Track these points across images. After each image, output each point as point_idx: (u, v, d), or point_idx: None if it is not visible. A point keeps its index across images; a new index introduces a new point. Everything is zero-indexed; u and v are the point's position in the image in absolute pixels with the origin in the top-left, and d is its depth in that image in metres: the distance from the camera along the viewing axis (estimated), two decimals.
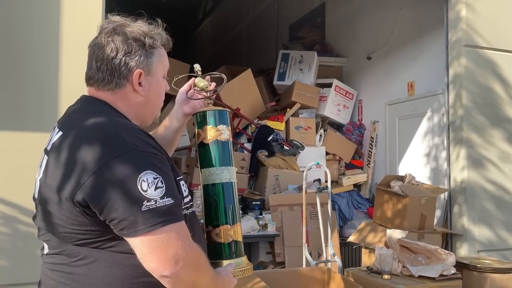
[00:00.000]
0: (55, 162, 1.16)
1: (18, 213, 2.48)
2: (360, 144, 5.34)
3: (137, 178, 1.06)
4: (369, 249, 3.52)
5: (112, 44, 1.22)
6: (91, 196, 1.07)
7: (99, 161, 1.07)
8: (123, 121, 1.20)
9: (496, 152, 3.77)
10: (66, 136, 1.17)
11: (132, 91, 1.24)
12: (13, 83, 2.56)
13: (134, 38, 1.24)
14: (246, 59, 8.42)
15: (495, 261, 2.97)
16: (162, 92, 1.34)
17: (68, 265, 1.16)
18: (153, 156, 1.13)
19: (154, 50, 1.27)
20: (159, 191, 1.08)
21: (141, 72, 1.24)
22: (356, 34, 5.61)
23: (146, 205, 1.06)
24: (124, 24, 1.27)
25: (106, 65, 1.23)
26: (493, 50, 3.81)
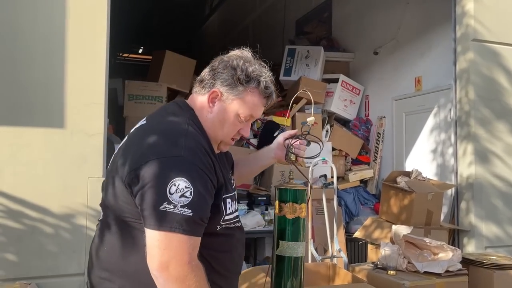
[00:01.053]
0: (127, 143, 1.37)
1: (25, 208, 2.50)
2: (367, 140, 5.32)
3: (170, 180, 1.18)
4: (375, 245, 3.51)
5: (218, 61, 1.40)
6: (133, 183, 1.21)
7: (152, 155, 1.21)
8: (193, 131, 1.30)
9: (504, 147, 3.73)
10: (144, 125, 1.38)
11: (207, 104, 1.38)
12: (19, 79, 2.58)
13: (233, 66, 1.36)
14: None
15: (502, 257, 2.95)
16: (227, 126, 1.39)
17: (107, 233, 1.34)
18: (197, 170, 1.22)
19: (241, 87, 1.35)
20: (183, 199, 1.17)
21: (217, 93, 1.36)
22: (363, 29, 5.57)
23: (165, 206, 1.16)
24: (240, 56, 1.40)
25: (205, 73, 1.41)
26: (501, 44, 3.76)
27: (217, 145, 1.42)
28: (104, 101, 2.73)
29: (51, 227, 2.55)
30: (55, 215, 2.55)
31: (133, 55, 13.43)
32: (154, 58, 5.79)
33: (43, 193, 2.55)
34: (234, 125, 1.39)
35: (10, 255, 2.46)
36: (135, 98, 4.79)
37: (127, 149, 1.33)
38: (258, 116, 1.43)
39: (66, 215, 2.58)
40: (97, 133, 2.70)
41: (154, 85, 4.88)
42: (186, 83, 5.28)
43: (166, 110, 1.40)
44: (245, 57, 1.39)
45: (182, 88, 5.23)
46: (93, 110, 2.69)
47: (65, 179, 2.60)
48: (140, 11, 9.32)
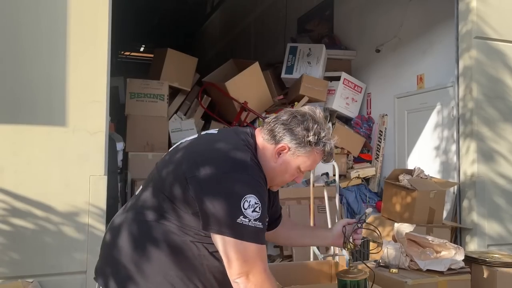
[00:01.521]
0: (192, 143, 1.50)
1: (27, 206, 2.51)
2: (369, 138, 5.31)
3: (243, 196, 1.32)
4: (377, 243, 3.50)
5: (291, 117, 1.48)
6: (198, 186, 1.33)
7: (223, 167, 1.35)
8: (254, 158, 1.44)
9: (507, 146, 3.72)
10: (215, 134, 1.53)
11: (272, 154, 1.48)
12: (21, 77, 2.58)
13: (306, 127, 1.46)
14: (254, 53, 8.39)
15: (505, 255, 2.93)
16: (287, 176, 1.53)
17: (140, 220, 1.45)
18: (261, 187, 1.39)
19: (309, 147, 1.47)
20: (255, 214, 1.32)
21: (285, 148, 1.47)
22: (365, 27, 5.55)
23: (241, 219, 1.31)
24: (313, 117, 1.49)
25: (277, 122, 1.49)
26: (504, 42, 3.74)
27: (270, 185, 1.56)
28: (106, 99, 2.73)
29: (53, 225, 2.55)
30: (57, 213, 2.56)
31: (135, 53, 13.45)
32: (155, 56, 5.78)
33: (45, 191, 2.55)
34: (292, 175, 1.53)
35: (12, 253, 2.46)
36: (136, 96, 4.79)
37: (197, 151, 1.44)
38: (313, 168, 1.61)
39: (68, 213, 2.58)
40: (98, 131, 2.70)
41: (155, 83, 4.88)
42: (187, 81, 5.27)
43: (238, 135, 1.50)
44: (318, 119, 1.48)
45: (183, 86, 5.23)
46: (94, 108, 2.69)
47: (67, 177, 2.60)
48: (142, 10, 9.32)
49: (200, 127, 5.31)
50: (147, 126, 4.71)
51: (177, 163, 1.42)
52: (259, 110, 5.13)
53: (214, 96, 5.37)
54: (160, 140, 4.78)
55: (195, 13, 10.91)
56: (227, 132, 1.53)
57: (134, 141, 4.66)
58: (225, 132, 1.54)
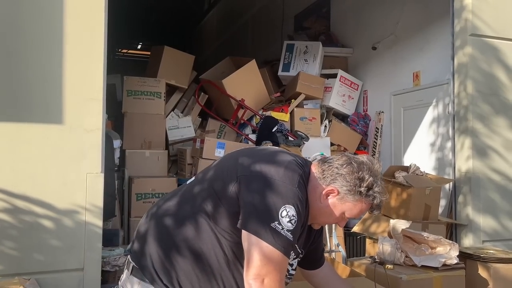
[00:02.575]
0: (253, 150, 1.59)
1: (24, 203, 2.51)
2: (365, 135, 5.33)
3: (285, 203, 1.35)
4: (373, 239, 3.52)
5: (347, 163, 1.49)
6: (246, 182, 1.39)
7: (274, 172, 1.39)
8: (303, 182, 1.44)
9: (502, 142, 3.74)
10: (275, 148, 1.60)
11: (321, 193, 1.49)
12: (18, 75, 2.58)
13: (361, 178, 1.46)
14: (252, 50, 8.39)
15: (499, 251, 2.96)
16: (330, 219, 1.53)
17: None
18: (302, 205, 1.39)
19: (358, 196, 1.47)
20: (289, 225, 1.34)
21: (334, 192, 1.47)
22: (361, 24, 5.56)
23: (275, 225, 1.33)
24: (370, 168, 1.49)
25: (331, 165, 1.50)
26: (500, 39, 3.76)
27: (312, 222, 1.57)
28: (102, 96, 2.73)
29: (51, 222, 2.56)
30: (54, 210, 2.56)
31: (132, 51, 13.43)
32: (152, 54, 5.78)
33: (42, 189, 2.55)
34: (336, 219, 1.53)
35: (9, 250, 2.47)
36: (133, 93, 4.79)
37: (247, 155, 1.49)
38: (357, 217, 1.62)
39: (65, 210, 2.59)
40: (95, 128, 2.70)
41: (152, 81, 4.88)
42: (184, 79, 5.27)
43: (297, 157, 1.52)
44: (374, 171, 1.49)
45: (181, 84, 5.23)
46: (91, 106, 2.69)
47: (64, 175, 2.61)
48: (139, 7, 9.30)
49: (197, 125, 5.32)
50: (144, 124, 4.71)
51: (231, 165, 1.47)
52: (256, 107, 5.14)
53: (211, 94, 5.38)
54: (157, 138, 4.79)
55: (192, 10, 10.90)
56: (286, 152, 1.55)
57: (131, 139, 4.66)
58: (284, 151, 1.57)
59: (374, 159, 1.54)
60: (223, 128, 5.15)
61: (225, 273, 1.44)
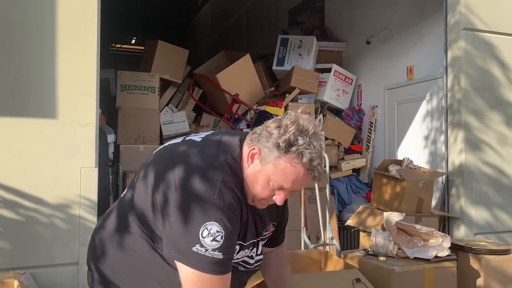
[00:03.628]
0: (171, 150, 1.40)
1: (19, 198, 2.51)
2: (359, 129, 5.35)
3: (203, 223, 1.21)
4: (366, 232, 3.55)
5: (278, 120, 1.29)
6: (163, 205, 1.26)
7: (187, 188, 1.24)
8: (229, 179, 1.27)
9: (494, 135, 3.77)
10: (197, 142, 1.37)
11: (247, 157, 1.31)
12: (10, 70, 2.57)
13: (280, 128, 1.25)
14: (246, 45, 8.38)
15: (491, 243, 3.00)
16: (257, 188, 1.31)
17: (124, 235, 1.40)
18: (228, 214, 1.24)
19: (277, 152, 1.25)
20: (214, 243, 1.22)
21: (256, 152, 1.29)
22: (355, 19, 5.57)
23: (198, 248, 1.21)
24: (298, 122, 1.26)
25: (263, 125, 1.32)
26: (493, 33, 3.78)
27: (251, 198, 1.36)
28: (96, 91, 2.73)
29: (45, 217, 2.56)
30: (48, 205, 2.57)
31: (126, 46, 13.35)
32: (146, 48, 5.76)
33: (36, 184, 2.56)
34: (264, 188, 1.31)
35: (4, 245, 2.47)
36: (127, 88, 4.77)
37: (166, 163, 1.32)
38: (294, 189, 1.31)
39: (59, 205, 2.59)
40: (89, 123, 2.70)
41: (146, 75, 4.86)
42: (178, 73, 5.26)
43: (220, 148, 1.34)
44: (302, 123, 1.25)
45: (175, 78, 5.21)
46: (85, 100, 2.69)
47: (58, 170, 2.61)
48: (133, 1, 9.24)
49: (192, 119, 5.32)
50: (138, 119, 4.70)
51: (151, 176, 1.33)
52: (251, 102, 5.14)
53: (206, 88, 5.37)
54: (152, 133, 4.78)
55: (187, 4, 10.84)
56: (210, 144, 1.36)
57: (125, 134, 4.65)
58: (207, 143, 1.36)
59: (317, 121, 1.29)
60: (218, 122, 5.15)
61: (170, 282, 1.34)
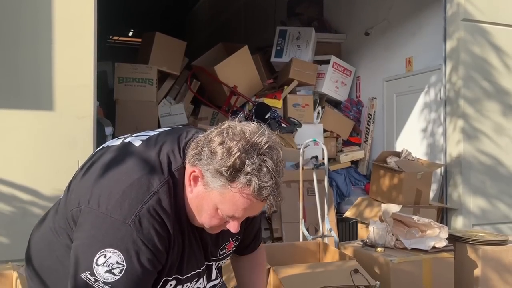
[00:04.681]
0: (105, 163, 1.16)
1: (16, 190, 2.51)
2: (358, 121, 5.34)
3: (101, 248, 1.01)
4: (365, 224, 3.56)
5: (220, 133, 1.04)
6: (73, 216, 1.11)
7: (99, 203, 1.04)
8: (158, 203, 1.05)
9: (492, 125, 3.77)
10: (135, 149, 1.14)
11: (188, 180, 1.09)
12: (7, 62, 2.55)
13: (226, 152, 1.00)
14: (245, 37, 8.33)
15: (488, 233, 3.01)
16: (205, 216, 1.10)
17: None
18: (141, 247, 1.02)
19: (222, 180, 1.01)
20: (108, 276, 1.00)
21: (199, 175, 1.05)
22: (354, 10, 5.54)
23: (86, 276, 1.01)
24: (245, 137, 1.02)
25: (204, 137, 1.07)
26: (491, 24, 3.76)
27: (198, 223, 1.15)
28: (93, 83, 2.71)
29: (43, 209, 2.55)
30: (46, 197, 2.56)
31: (124, 38, 13.28)
32: (144, 40, 5.72)
33: (33, 176, 2.55)
34: (213, 217, 1.09)
35: (2, 237, 2.47)
36: (125, 80, 4.76)
37: (99, 166, 1.14)
38: (248, 215, 1.09)
39: (57, 197, 2.55)
40: (86, 115, 2.69)
41: (144, 68, 4.84)
42: (176, 66, 5.23)
43: (158, 154, 1.12)
44: (252, 144, 1.01)
45: (172, 70, 5.19)
46: (82, 93, 2.68)
47: (55, 162, 2.60)
48: None
49: (190, 112, 5.30)
50: (136, 111, 4.69)
51: (76, 182, 1.19)
52: (249, 94, 5.12)
53: (204, 81, 5.35)
54: (150, 125, 4.77)
55: None
56: (146, 153, 1.12)
57: (123, 126, 4.64)
58: (145, 151, 1.13)
59: (268, 131, 1.06)
60: (216, 115, 5.13)
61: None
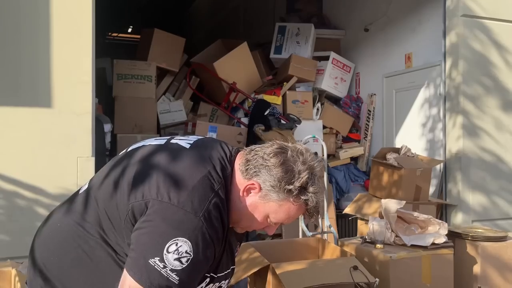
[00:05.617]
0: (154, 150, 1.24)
1: (15, 187, 2.51)
2: (357, 118, 5.33)
3: (174, 237, 1.06)
4: (364, 220, 3.55)
5: (277, 151, 1.18)
6: (138, 212, 1.12)
7: (171, 198, 1.09)
8: (219, 200, 1.14)
9: (491, 121, 3.77)
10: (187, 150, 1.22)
11: (241, 191, 1.20)
12: (5, 59, 2.54)
13: (290, 171, 1.15)
14: (244, 33, 8.31)
15: (487, 230, 3.01)
16: (254, 223, 1.23)
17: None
18: (207, 239, 1.09)
19: (285, 195, 1.16)
20: (177, 263, 1.05)
21: (256, 188, 1.18)
22: (353, 6, 5.52)
23: (155, 262, 1.05)
24: (305, 162, 1.17)
25: (257, 153, 1.20)
26: (491, 19, 3.76)
27: (234, 226, 1.28)
28: (92, 80, 2.70)
29: (42, 206, 2.56)
30: (45, 194, 2.56)
31: (123, 35, 13.25)
32: (142, 37, 5.70)
33: (32, 173, 2.55)
34: (262, 223, 1.23)
35: (1, 234, 2.47)
36: (124, 77, 4.74)
37: (152, 161, 1.19)
38: (287, 222, 1.25)
39: (56, 194, 2.58)
40: (85, 112, 2.68)
41: (143, 64, 4.83)
42: (175, 62, 5.22)
43: (211, 156, 1.21)
44: (311, 165, 1.17)
45: (171, 67, 5.17)
46: (80, 89, 2.67)
47: (54, 159, 2.60)
48: None
49: (189, 109, 5.29)
50: (135, 108, 4.68)
51: (129, 176, 1.18)
52: (248, 90, 5.11)
53: (203, 77, 5.33)
54: (149, 122, 4.76)
55: None
56: (201, 155, 1.21)
57: (122, 123, 4.63)
58: (198, 153, 1.22)
59: (312, 152, 1.23)
60: (215, 111, 5.12)
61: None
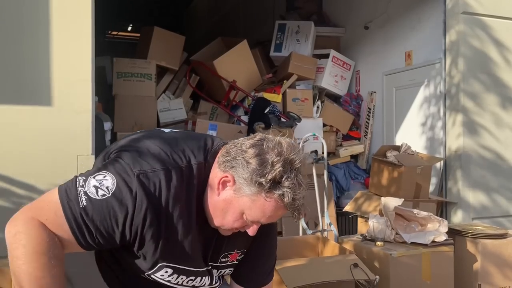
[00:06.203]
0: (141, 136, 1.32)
1: (14, 186, 2.50)
2: (358, 115, 5.33)
3: (107, 171, 1.10)
4: (364, 218, 3.55)
5: (255, 144, 1.11)
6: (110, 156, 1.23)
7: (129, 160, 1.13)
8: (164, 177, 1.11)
9: (492, 119, 3.77)
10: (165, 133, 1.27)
11: (216, 184, 1.15)
12: (4, 57, 2.54)
13: (264, 163, 1.08)
14: (243, 31, 8.29)
15: (488, 227, 3.01)
16: (227, 219, 1.15)
17: None
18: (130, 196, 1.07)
19: (257, 189, 1.08)
20: (93, 191, 1.06)
21: (230, 180, 1.11)
22: (353, 3, 5.51)
23: (79, 179, 1.10)
24: (282, 153, 1.09)
25: (237, 145, 1.14)
26: (491, 17, 3.75)
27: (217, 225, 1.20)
28: (91, 78, 2.70)
29: None
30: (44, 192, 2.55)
31: (123, 33, 13.25)
32: (142, 35, 5.70)
33: (32, 171, 2.54)
34: (237, 221, 1.15)
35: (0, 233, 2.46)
36: (123, 75, 4.74)
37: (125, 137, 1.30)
38: (269, 221, 1.17)
39: None
40: (85, 110, 2.68)
41: (142, 62, 4.82)
42: (175, 60, 5.21)
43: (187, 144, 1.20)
44: (288, 159, 1.09)
45: (171, 65, 5.17)
46: (80, 87, 2.66)
47: (54, 157, 2.59)
48: None
49: (189, 107, 5.29)
50: (135, 106, 4.68)
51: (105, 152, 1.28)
52: (248, 89, 5.10)
53: (203, 75, 5.33)
54: (149, 120, 4.76)
55: None
56: (173, 140, 1.21)
57: (122, 121, 4.63)
58: (171, 138, 1.23)
59: (298, 145, 1.15)
60: (215, 110, 5.12)
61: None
